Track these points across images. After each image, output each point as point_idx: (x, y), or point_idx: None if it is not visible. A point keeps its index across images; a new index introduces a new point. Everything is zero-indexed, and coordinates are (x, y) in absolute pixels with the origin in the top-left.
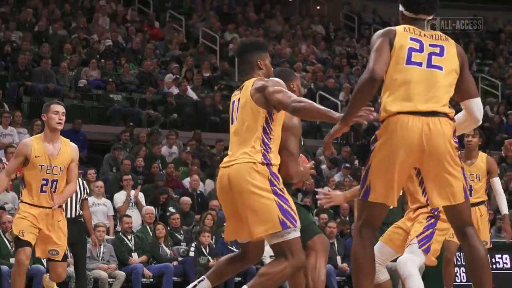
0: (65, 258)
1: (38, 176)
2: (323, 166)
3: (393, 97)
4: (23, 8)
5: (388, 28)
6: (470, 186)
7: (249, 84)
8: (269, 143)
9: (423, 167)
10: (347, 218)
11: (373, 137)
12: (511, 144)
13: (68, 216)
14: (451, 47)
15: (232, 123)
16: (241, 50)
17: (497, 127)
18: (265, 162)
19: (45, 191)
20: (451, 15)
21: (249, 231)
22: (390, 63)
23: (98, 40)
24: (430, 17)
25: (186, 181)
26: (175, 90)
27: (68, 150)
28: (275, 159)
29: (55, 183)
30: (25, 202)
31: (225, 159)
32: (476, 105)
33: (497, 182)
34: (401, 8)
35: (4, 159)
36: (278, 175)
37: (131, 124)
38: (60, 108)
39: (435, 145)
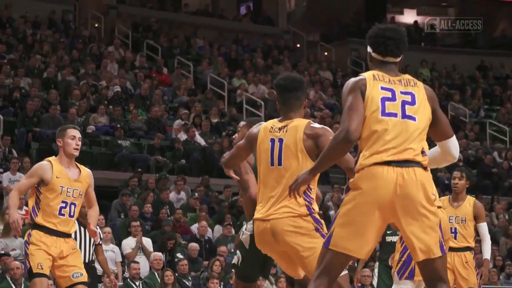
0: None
1: (57, 198)
2: (331, 212)
3: (370, 149)
4: (31, 55)
5: (357, 78)
6: (455, 229)
7: (299, 127)
8: (310, 193)
9: (398, 218)
10: (355, 264)
11: (346, 186)
12: None
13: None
14: (421, 93)
15: (272, 164)
16: (296, 85)
17: (506, 173)
18: (309, 213)
19: (63, 214)
20: (458, 61)
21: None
22: (366, 114)
23: (106, 86)
24: (398, 60)
25: (194, 227)
26: (183, 136)
27: (86, 173)
28: (315, 204)
29: (73, 206)
30: (39, 227)
31: (261, 210)
32: (453, 144)
33: (483, 227)
34: (369, 49)
35: None
36: (321, 220)
37: (139, 170)
38: (76, 133)
39: (409, 195)
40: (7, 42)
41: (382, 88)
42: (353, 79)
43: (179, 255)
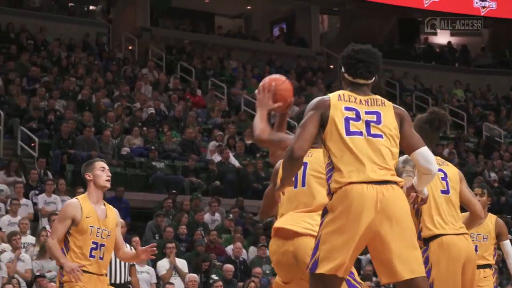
0: None
1: (87, 240)
2: None
3: (342, 168)
4: (66, 77)
5: (321, 98)
6: (476, 246)
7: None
8: None
9: (380, 236)
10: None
11: (323, 210)
12: None
13: (118, 281)
14: (387, 112)
15: (295, 186)
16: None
17: None
18: None
19: (94, 256)
20: (492, 81)
21: None
22: (330, 136)
23: (140, 108)
24: (369, 82)
25: (229, 248)
26: (217, 158)
27: (113, 213)
28: None
29: (103, 248)
30: None
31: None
32: (421, 156)
33: (507, 244)
34: (342, 68)
35: (47, 227)
36: None
37: (173, 191)
38: (105, 165)
39: (391, 211)
40: (42, 65)
41: (346, 108)
42: (317, 98)
43: (214, 276)
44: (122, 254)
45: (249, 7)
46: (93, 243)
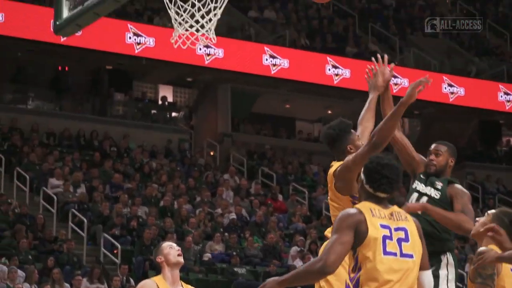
0: None
1: None
2: None
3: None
4: (148, 184)
5: (354, 213)
6: None
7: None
8: None
9: None
10: None
11: None
12: None
13: None
14: (412, 227)
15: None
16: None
17: None
18: None
19: None
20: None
21: None
22: (368, 253)
23: (222, 214)
24: (388, 196)
25: None
26: (299, 263)
27: None
28: None
29: None
30: None
31: None
32: (427, 280)
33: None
34: (362, 176)
35: None
36: None
37: None
38: (172, 244)
39: None
40: (124, 171)
41: (382, 226)
42: (350, 213)
43: None
44: None
45: (329, 112)
46: None
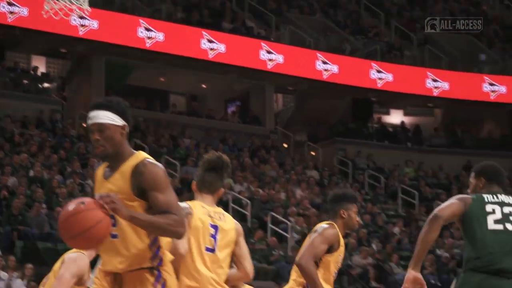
0: None
1: None
2: None
3: None
4: (18, 153)
5: None
6: None
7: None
8: None
9: None
10: None
11: None
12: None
13: None
14: None
15: None
16: None
17: None
18: None
19: None
20: (444, 161)
21: None
22: None
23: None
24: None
25: None
26: None
27: None
28: None
29: None
30: None
31: None
32: None
33: None
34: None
35: None
36: None
37: None
38: None
39: None
40: None
41: None
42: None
43: None
44: None
45: (204, 86)
46: None
